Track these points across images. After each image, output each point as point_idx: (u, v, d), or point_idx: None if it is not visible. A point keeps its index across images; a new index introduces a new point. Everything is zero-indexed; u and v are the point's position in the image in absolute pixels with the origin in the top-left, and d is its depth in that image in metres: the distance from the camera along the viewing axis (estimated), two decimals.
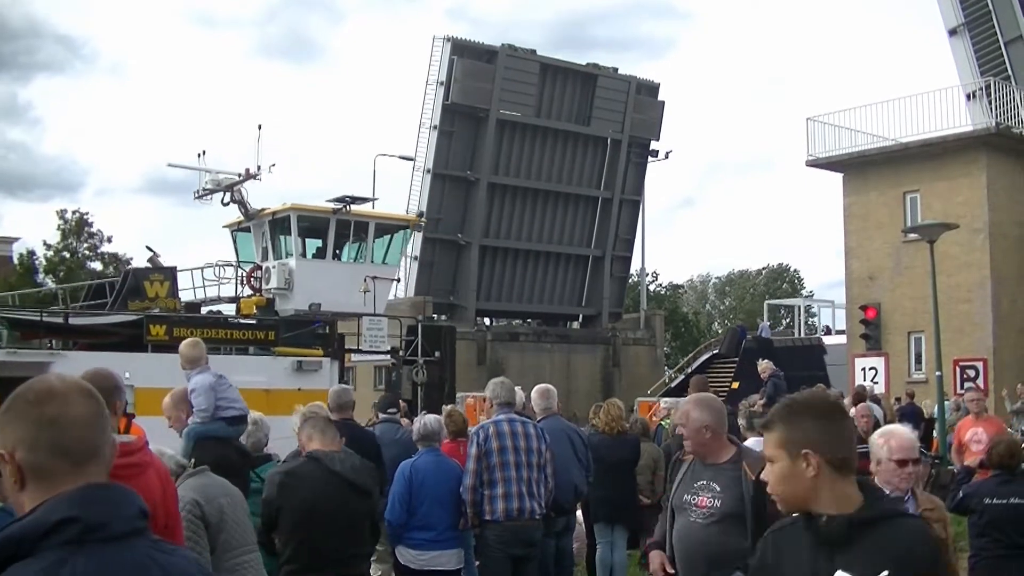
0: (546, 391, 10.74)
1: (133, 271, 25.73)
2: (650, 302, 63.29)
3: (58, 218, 62.86)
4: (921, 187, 31.02)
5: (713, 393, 20.81)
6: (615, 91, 51.77)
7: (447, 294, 48.80)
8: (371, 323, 25.48)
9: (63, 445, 2.40)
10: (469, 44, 48.50)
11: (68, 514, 2.32)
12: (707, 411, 5.97)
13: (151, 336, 20.02)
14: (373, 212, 29.31)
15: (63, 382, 2.49)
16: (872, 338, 31.21)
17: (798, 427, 3.20)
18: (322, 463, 6.31)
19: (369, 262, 28.26)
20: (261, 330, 23.02)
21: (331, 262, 28.09)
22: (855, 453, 3.21)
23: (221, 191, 27.45)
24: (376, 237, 28.86)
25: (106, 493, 2.42)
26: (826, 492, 3.11)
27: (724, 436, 5.98)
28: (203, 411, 9.64)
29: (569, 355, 49.92)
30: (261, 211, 28.03)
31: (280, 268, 27.24)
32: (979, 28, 37.00)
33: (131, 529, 2.41)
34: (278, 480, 6.29)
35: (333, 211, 27.74)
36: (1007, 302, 30.15)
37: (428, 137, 47.69)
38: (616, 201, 52.78)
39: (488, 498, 8.58)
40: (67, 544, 2.30)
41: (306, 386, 19.45)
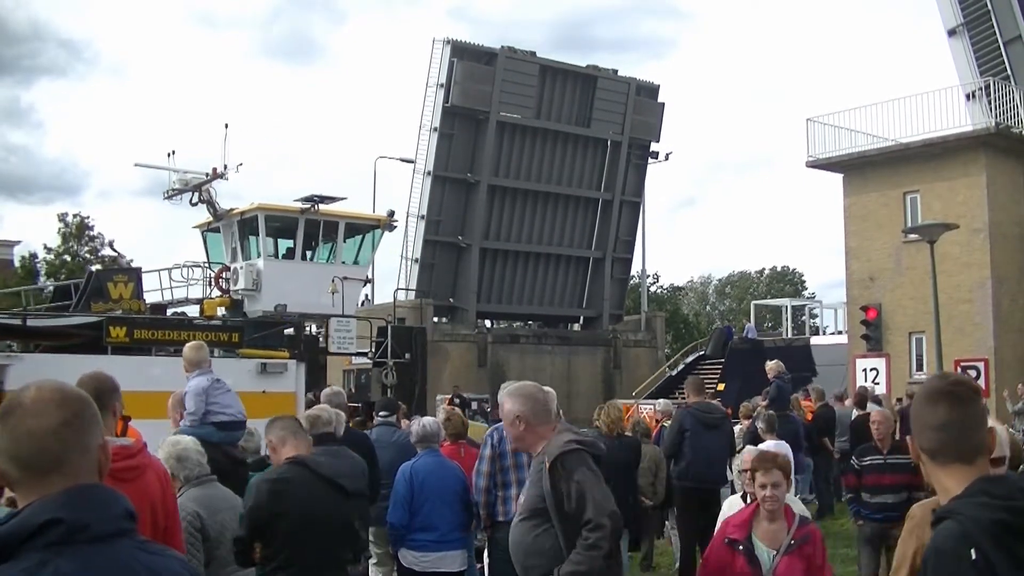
0: None
1: (97, 272, 25.42)
2: (651, 304, 63.26)
3: (59, 221, 63.01)
4: (921, 187, 31.02)
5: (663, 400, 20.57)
6: (615, 93, 51.74)
7: (447, 296, 48.76)
8: (339, 324, 25.18)
9: (20, 457, 2.46)
10: (469, 46, 48.49)
11: (52, 515, 2.36)
12: (519, 401, 5.79)
13: (111, 338, 19.53)
14: (343, 212, 29.05)
15: (36, 392, 2.54)
16: (873, 339, 31.21)
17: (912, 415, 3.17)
18: (309, 467, 6.18)
19: (340, 262, 28.11)
20: (225, 331, 22.46)
21: (300, 263, 27.96)
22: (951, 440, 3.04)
23: (189, 191, 27.27)
24: (347, 237, 28.66)
25: (90, 494, 2.46)
26: (934, 482, 3.08)
27: (540, 427, 5.77)
28: (191, 414, 9.69)
29: (570, 357, 49.87)
30: (230, 211, 27.89)
31: (248, 269, 27.10)
32: (978, 28, 37.01)
33: (115, 529, 2.45)
34: (268, 487, 6.06)
35: (301, 211, 27.54)
36: (1008, 302, 30.14)
37: (428, 139, 47.66)
38: (616, 203, 52.75)
39: (502, 499, 8.61)
40: (51, 545, 2.34)
41: (271, 388, 19.00)
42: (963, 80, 35.47)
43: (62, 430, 2.48)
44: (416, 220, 47.99)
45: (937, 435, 3.04)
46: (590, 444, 5.81)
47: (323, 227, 28.19)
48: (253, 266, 27.22)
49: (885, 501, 10.38)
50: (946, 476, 3.01)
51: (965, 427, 3.07)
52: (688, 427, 12.34)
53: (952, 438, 3.03)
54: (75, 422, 2.52)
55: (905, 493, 10.16)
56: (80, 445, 2.51)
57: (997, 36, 36.44)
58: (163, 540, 4.51)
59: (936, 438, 3.04)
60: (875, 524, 10.43)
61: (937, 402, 3.06)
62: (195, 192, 27.23)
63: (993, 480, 2.99)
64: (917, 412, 3.11)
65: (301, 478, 6.08)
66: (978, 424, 3.08)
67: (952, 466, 3.01)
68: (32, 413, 2.48)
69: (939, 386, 3.13)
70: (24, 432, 2.46)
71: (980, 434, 3.07)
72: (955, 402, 3.07)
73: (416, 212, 47.98)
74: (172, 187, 27.54)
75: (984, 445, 3.07)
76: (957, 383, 3.16)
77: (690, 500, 12.43)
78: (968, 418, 3.07)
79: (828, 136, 33.11)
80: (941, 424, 3.03)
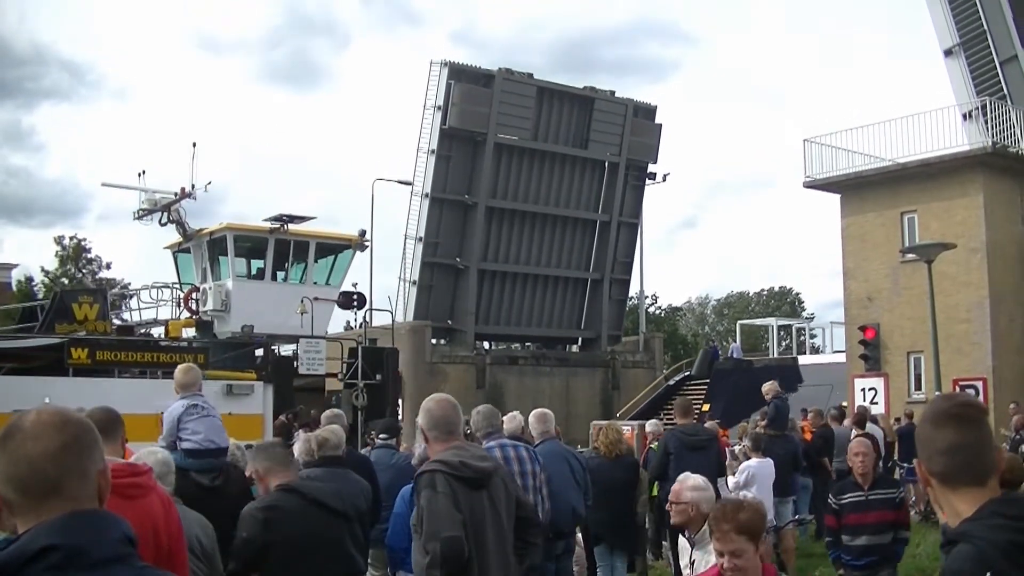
0: (543, 415, 10.75)
1: (62, 293, 25.09)
2: (649, 325, 63.25)
3: (56, 244, 63.08)
4: (918, 207, 31.06)
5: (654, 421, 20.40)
6: (612, 114, 51.86)
7: (446, 318, 48.76)
8: (308, 345, 24.99)
9: (19, 480, 2.46)
10: (466, 68, 48.62)
11: (49, 541, 2.35)
12: (422, 414, 6.08)
13: (72, 360, 19.37)
14: (313, 231, 28.77)
15: (36, 416, 2.54)
16: (871, 359, 31.19)
17: (916, 432, 3.12)
18: (301, 493, 6.11)
19: (311, 283, 27.98)
20: (190, 353, 22.08)
21: (270, 283, 27.64)
22: (963, 463, 2.97)
23: (158, 211, 27.10)
24: (319, 257, 28.45)
25: (88, 519, 2.45)
26: (944, 505, 3.01)
27: (435, 443, 6.01)
28: (163, 438, 9.68)
29: (568, 378, 49.87)
30: (199, 231, 27.70)
31: (217, 289, 26.81)
32: (974, 48, 37.12)
33: (113, 555, 2.43)
34: (262, 517, 5.98)
35: (270, 230, 27.26)
36: (1005, 321, 30.14)
37: (426, 161, 47.76)
38: (614, 224, 52.82)
39: None
40: (49, 571, 2.33)
41: (237, 410, 18.85)
42: (959, 100, 35.55)
43: (60, 454, 2.48)
44: (414, 242, 48.06)
45: (948, 459, 2.97)
46: (457, 466, 5.80)
47: (294, 247, 27.83)
48: (222, 286, 26.94)
49: (869, 544, 9.31)
50: (958, 499, 2.95)
51: (975, 449, 3.02)
52: (672, 449, 12.32)
53: (964, 461, 2.98)
54: (74, 446, 2.51)
55: (890, 533, 9.36)
56: (79, 470, 2.51)
57: (993, 56, 36.55)
58: (167, 564, 4.50)
59: (947, 462, 2.98)
60: (859, 573, 9.40)
61: (946, 425, 3.01)
62: (164, 212, 27.01)
63: (1006, 502, 2.94)
64: (926, 436, 3.05)
65: (292, 505, 6.00)
66: (988, 445, 3.05)
67: (964, 489, 2.95)
68: (31, 436, 2.48)
69: (946, 408, 3.08)
70: (23, 456, 2.46)
71: (991, 455, 3.04)
72: (965, 424, 3.02)
73: (414, 234, 48.06)
74: (141, 207, 27.36)
75: (994, 466, 3.02)
76: (965, 404, 3.11)
77: None
78: (978, 440, 3.02)
79: (825, 156, 33.17)
80: (951, 447, 2.98)
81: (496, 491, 5.98)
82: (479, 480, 5.87)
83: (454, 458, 5.89)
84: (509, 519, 6.05)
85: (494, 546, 5.86)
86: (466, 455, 5.95)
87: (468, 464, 5.87)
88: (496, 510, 5.94)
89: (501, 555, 5.92)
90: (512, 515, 6.09)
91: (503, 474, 6.21)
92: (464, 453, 5.98)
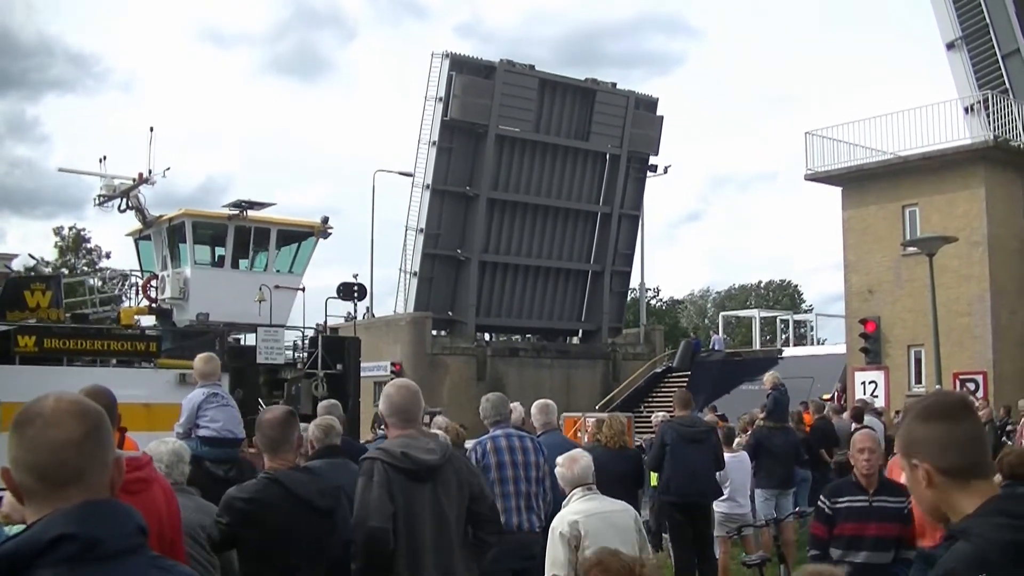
0: (545, 406, 10.76)
1: (13, 280, 24.79)
2: (650, 317, 63.21)
3: (55, 235, 63.08)
4: (920, 200, 31.04)
5: (663, 412, 20.37)
6: (614, 106, 51.77)
7: (446, 310, 48.75)
8: (266, 334, 24.57)
9: (39, 467, 2.43)
10: (468, 60, 48.55)
11: (65, 531, 2.32)
12: (382, 400, 6.16)
13: (19, 348, 19.15)
14: (274, 218, 28.30)
15: (56, 403, 2.50)
16: (872, 352, 31.22)
17: (907, 433, 3.03)
18: (284, 486, 5.97)
19: (273, 271, 27.52)
20: (141, 341, 21.84)
21: (229, 271, 27.21)
22: (975, 456, 2.94)
23: (118, 197, 26.75)
24: (283, 244, 28.07)
25: (104, 509, 2.43)
26: (946, 504, 2.93)
27: (392, 428, 6.11)
28: (180, 426, 9.69)
29: (569, 370, 49.83)
30: (159, 218, 27.38)
31: (175, 277, 26.46)
32: (977, 42, 37.08)
33: (129, 546, 2.42)
34: (240, 507, 5.89)
35: (229, 217, 26.85)
36: (1006, 315, 30.14)
37: (427, 153, 47.71)
38: (615, 216, 52.76)
39: None
40: (64, 562, 2.30)
41: None
42: (962, 93, 35.54)
43: (84, 442, 2.46)
44: (415, 233, 48.02)
45: (962, 451, 2.92)
46: (397, 457, 5.80)
47: (255, 234, 27.36)
48: (181, 274, 26.53)
49: (867, 562, 7.51)
50: (965, 495, 2.89)
51: (984, 442, 3.02)
52: (669, 441, 12.27)
53: (976, 453, 2.96)
54: (95, 435, 2.50)
55: (892, 551, 7.60)
56: (100, 459, 2.50)
57: (996, 50, 36.50)
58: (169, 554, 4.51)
59: (961, 454, 2.92)
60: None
61: (961, 418, 2.97)
62: (123, 199, 26.65)
63: (1012, 498, 2.91)
64: (934, 431, 2.96)
65: (274, 497, 5.90)
66: (987, 439, 3.02)
67: (972, 483, 2.90)
68: (53, 424, 2.45)
69: (954, 400, 3.05)
70: (45, 443, 2.43)
71: (989, 449, 3.00)
72: (974, 417, 3.02)
73: (415, 225, 48.01)
74: (99, 193, 27.02)
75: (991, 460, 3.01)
76: (966, 399, 3.08)
77: (675, 514, 12.40)
78: (983, 433, 3.01)
79: (827, 149, 33.16)
80: (966, 440, 2.94)
81: (445, 485, 5.90)
82: (419, 472, 5.81)
83: (397, 448, 5.87)
84: (458, 515, 5.95)
85: (432, 542, 5.79)
86: (412, 446, 5.90)
87: (409, 455, 5.83)
88: (439, 505, 5.86)
89: (441, 551, 5.83)
90: (462, 511, 5.99)
91: (459, 468, 6.08)
92: (411, 443, 5.93)
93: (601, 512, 7.19)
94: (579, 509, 7.17)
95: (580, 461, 7.41)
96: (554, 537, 7.05)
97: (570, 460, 7.47)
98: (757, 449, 15.55)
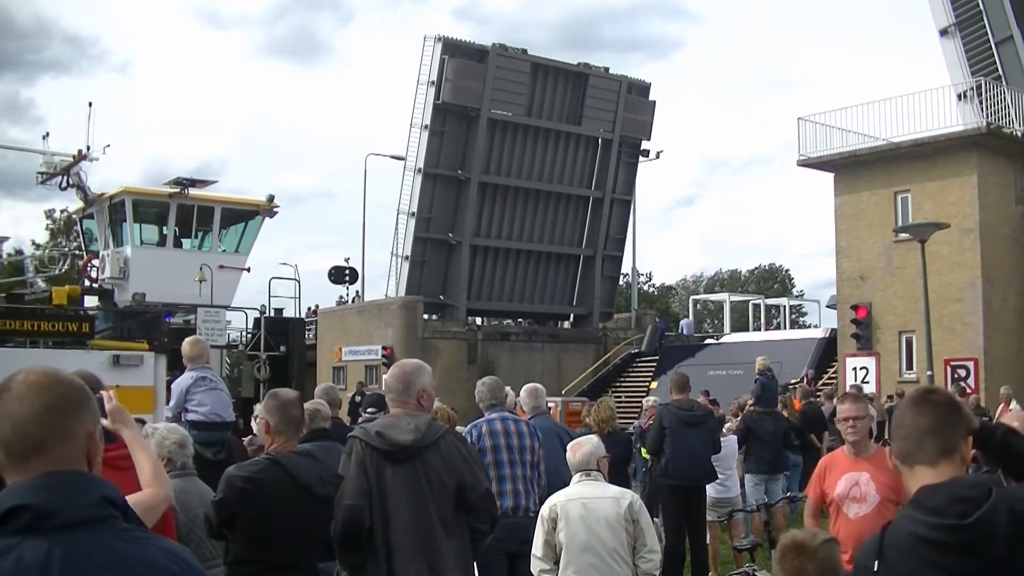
0: (535, 390, 10.75)
1: None
2: (641, 302, 63.20)
3: (46, 217, 62.83)
4: (912, 187, 31.06)
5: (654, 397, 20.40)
6: (606, 91, 51.66)
7: (437, 294, 48.71)
8: (207, 315, 24.16)
9: (4, 440, 2.46)
10: (460, 44, 48.41)
11: (18, 502, 2.34)
12: (386, 379, 6.40)
13: None
14: (218, 197, 27.70)
15: (24, 376, 2.53)
16: (863, 338, 31.27)
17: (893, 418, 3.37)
18: (285, 468, 5.94)
19: (217, 250, 27.10)
20: (74, 321, 21.23)
21: (172, 250, 26.77)
22: (922, 446, 3.17)
23: (59, 175, 26.22)
24: (229, 224, 27.45)
25: (63, 480, 2.43)
26: (905, 484, 3.20)
27: (390, 406, 6.19)
28: (169, 410, 9.66)
29: (560, 355, 49.81)
30: (100, 196, 26.95)
31: (115, 257, 26.04)
32: (970, 28, 37.02)
33: (85, 517, 2.39)
34: (240, 485, 5.85)
35: (170, 195, 26.36)
36: (998, 302, 30.19)
37: (419, 136, 47.60)
38: (607, 201, 52.69)
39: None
40: (17, 532, 2.31)
41: (125, 382, 17.84)
42: (954, 80, 35.52)
43: (45, 415, 2.47)
44: (407, 217, 47.94)
45: (908, 441, 3.20)
46: (371, 436, 5.81)
47: (198, 213, 26.91)
48: (121, 254, 26.10)
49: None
50: (912, 480, 3.13)
51: (934, 434, 3.20)
52: (667, 424, 12.32)
53: (920, 443, 3.18)
54: (60, 406, 2.49)
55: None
56: (64, 431, 2.49)
57: (989, 36, 36.46)
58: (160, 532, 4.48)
59: (907, 444, 3.20)
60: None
61: (916, 410, 3.23)
62: (63, 176, 26.13)
63: (930, 490, 3.03)
64: (895, 419, 3.29)
65: (274, 479, 5.87)
66: (940, 431, 3.21)
67: (917, 469, 3.13)
68: (17, 396, 2.47)
69: (914, 395, 3.33)
70: (8, 416, 2.45)
71: (938, 439, 3.19)
72: (932, 409, 3.23)
73: (406, 209, 47.91)
74: (39, 171, 26.49)
75: (949, 449, 3.15)
76: (937, 392, 3.35)
77: (672, 497, 12.45)
78: (937, 424, 3.21)
79: (820, 135, 33.15)
80: (912, 429, 3.20)
81: (428, 468, 5.85)
82: (393, 453, 5.79)
83: (375, 428, 5.91)
84: (440, 497, 5.88)
85: (411, 522, 5.75)
86: (392, 426, 5.90)
87: (384, 436, 5.82)
88: (418, 485, 5.81)
89: (422, 532, 5.79)
90: (448, 494, 5.91)
91: (448, 452, 5.98)
92: (392, 423, 5.93)
93: (582, 498, 7.19)
94: (566, 493, 7.25)
95: (584, 447, 7.46)
96: (539, 519, 7.25)
97: (575, 445, 7.57)
98: (747, 434, 15.61)
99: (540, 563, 7.14)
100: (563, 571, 7.03)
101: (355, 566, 5.86)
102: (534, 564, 7.17)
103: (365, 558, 5.75)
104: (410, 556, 5.73)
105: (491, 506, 6.29)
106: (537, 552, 7.14)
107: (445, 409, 11.31)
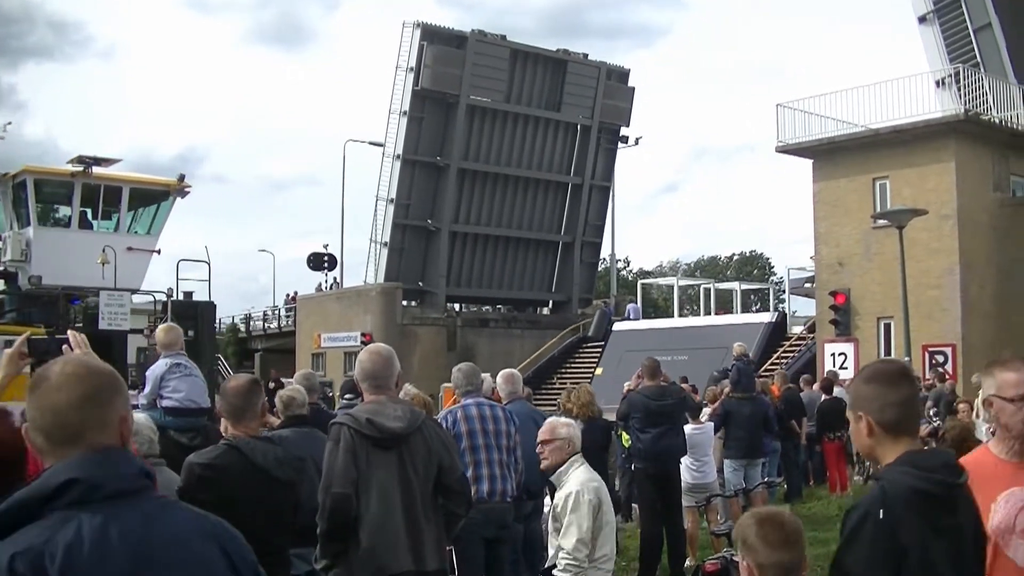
0: (511, 376, 10.72)
1: None
2: (620, 288, 63.25)
3: None
4: (890, 173, 31.06)
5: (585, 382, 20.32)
6: (585, 77, 51.69)
7: (417, 280, 48.67)
8: (110, 298, 23.27)
9: (45, 428, 2.65)
10: (439, 30, 48.32)
11: (69, 476, 2.54)
12: (356, 365, 6.26)
13: None
14: (125, 176, 27.19)
15: (62, 367, 2.72)
16: (842, 324, 31.32)
17: (855, 391, 3.62)
18: (242, 453, 5.87)
19: (125, 232, 26.20)
20: None
21: (77, 231, 25.91)
22: (910, 415, 3.58)
23: None
24: (139, 205, 26.78)
25: (104, 456, 2.63)
26: (879, 451, 3.50)
27: (365, 393, 6.15)
28: (144, 396, 9.59)
29: (539, 341, 49.86)
30: (3, 176, 26.33)
31: (16, 238, 25.36)
32: (948, 15, 37.10)
33: (131, 487, 2.63)
34: (198, 472, 5.82)
35: (72, 174, 25.72)
36: (976, 288, 30.24)
37: (398, 122, 47.51)
38: (586, 187, 52.75)
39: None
40: (73, 504, 2.52)
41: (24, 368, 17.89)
42: (933, 67, 35.56)
43: (83, 404, 2.65)
44: (385, 203, 47.85)
45: (900, 410, 3.47)
46: (362, 423, 5.79)
47: (104, 192, 25.99)
48: (23, 235, 25.37)
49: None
50: (892, 447, 3.46)
51: (915, 406, 3.67)
52: (637, 411, 12.25)
53: (911, 413, 3.57)
54: (96, 396, 2.68)
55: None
56: (99, 420, 2.67)
57: (967, 23, 36.53)
58: None
59: (899, 413, 3.47)
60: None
61: (900, 382, 3.53)
62: None
63: (922, 453, 3.48)
64: (877, 391, 3.51)
65: (231, 464, 5.81)
66: (919, 404, 3.75)
67: (903, 439, 3.46)
68: (55, 387, 2.66)
69: (896, 368, 3.66)
70: (48, 405, 2.64)
71: (919, 412, 3.76)
72: (910, 383, 3.63)
73: (385, 196, 47.84)
74: None
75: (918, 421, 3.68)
76: (904, 366, 3.78)
77: (646, 484, 12.41)
78: (917, 398, 3.69)
79: (799, 121, 33.11)
80: (901, 401, 3.48)
81: (413, 453, 5.87)
82: (383, 440, 5.79)
83: (364, 415, 5.87)
84: (425, 484, 5.90)
85: (400, 509, 5.76)
86: (380, 412, 5.88)
87: (374, 423, 5.81)
88: (405, 472, 5.83)
89: (410, 518, 5.80)
90: (430, 480, 5.94)
91: (430, 438, 6.00)
92: (378, 410, 5.91)
93: (600, 481, 7.27)
94: (591, 477, 7.17)
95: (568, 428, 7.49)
96: (580, 504, 6.88)
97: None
98: (726, 419, 15.58)
99: (585, 548, 6.79)
100: (599, 551, 6.92)
101: (337, 554, 5.81)
102: (578, 549, 6.76)
103: (348, 545, 5.72)
104: (395, 542, 5.74)
105: (468, 489, 6.34)
106: (584, 536, 6.77)
107: (421, 395, 11.25)
